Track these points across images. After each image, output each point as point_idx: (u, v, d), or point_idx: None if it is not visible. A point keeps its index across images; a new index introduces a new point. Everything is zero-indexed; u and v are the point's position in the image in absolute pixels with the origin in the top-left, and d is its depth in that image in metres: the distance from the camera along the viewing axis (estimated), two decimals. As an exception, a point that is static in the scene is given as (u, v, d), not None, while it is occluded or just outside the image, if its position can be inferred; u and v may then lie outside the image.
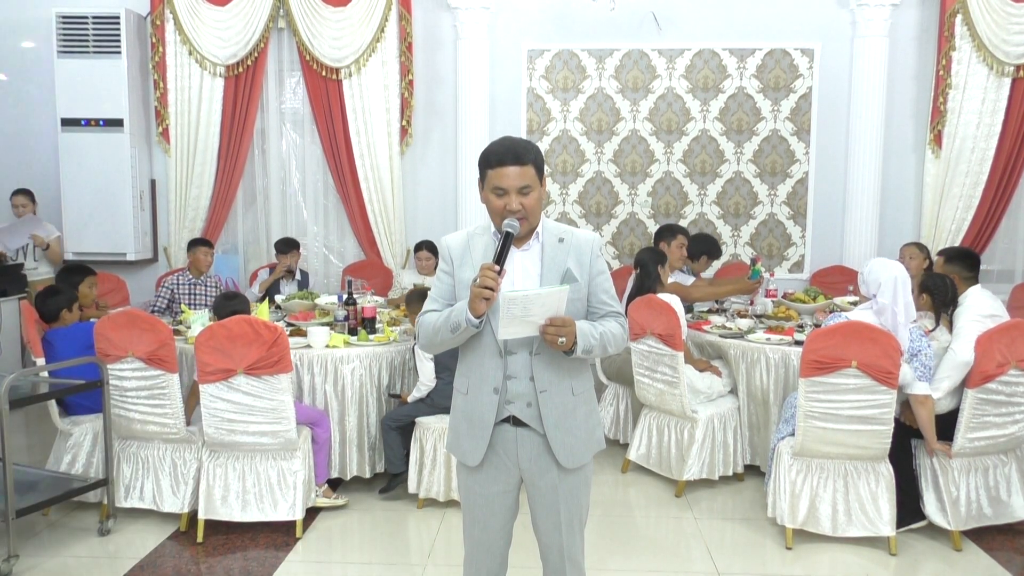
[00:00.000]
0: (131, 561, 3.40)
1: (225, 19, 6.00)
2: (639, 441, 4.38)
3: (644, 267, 4.51)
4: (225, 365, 3.47)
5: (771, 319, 4.70)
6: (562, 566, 2.23)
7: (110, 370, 3.60)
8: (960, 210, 6.03)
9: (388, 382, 4.09)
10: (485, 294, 1.97)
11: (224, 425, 3.53)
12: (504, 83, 6.21)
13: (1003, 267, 6.27)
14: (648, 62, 6.16)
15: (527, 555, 2.65)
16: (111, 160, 5.96)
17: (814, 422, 3.43)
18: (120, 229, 6.03)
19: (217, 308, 3.97)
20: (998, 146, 5.94)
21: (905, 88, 6.11)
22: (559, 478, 2.17)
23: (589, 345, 2.07)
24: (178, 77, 6.09)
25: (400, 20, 6.02)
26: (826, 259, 6.23)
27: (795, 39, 6.10)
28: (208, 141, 6.13)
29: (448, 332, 2.09)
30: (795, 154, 6.20)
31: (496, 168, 2.06)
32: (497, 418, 2.13)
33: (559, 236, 2.17)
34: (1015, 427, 3.53)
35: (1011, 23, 5.81)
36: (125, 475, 3.74)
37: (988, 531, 3.64)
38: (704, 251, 5.30)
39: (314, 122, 6.22)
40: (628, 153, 6.26)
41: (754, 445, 4.33)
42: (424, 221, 6.34)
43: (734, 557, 3.48)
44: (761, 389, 4.20)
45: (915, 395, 3.42)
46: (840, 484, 3.51)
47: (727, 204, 6.29)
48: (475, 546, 2.26)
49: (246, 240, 6.51)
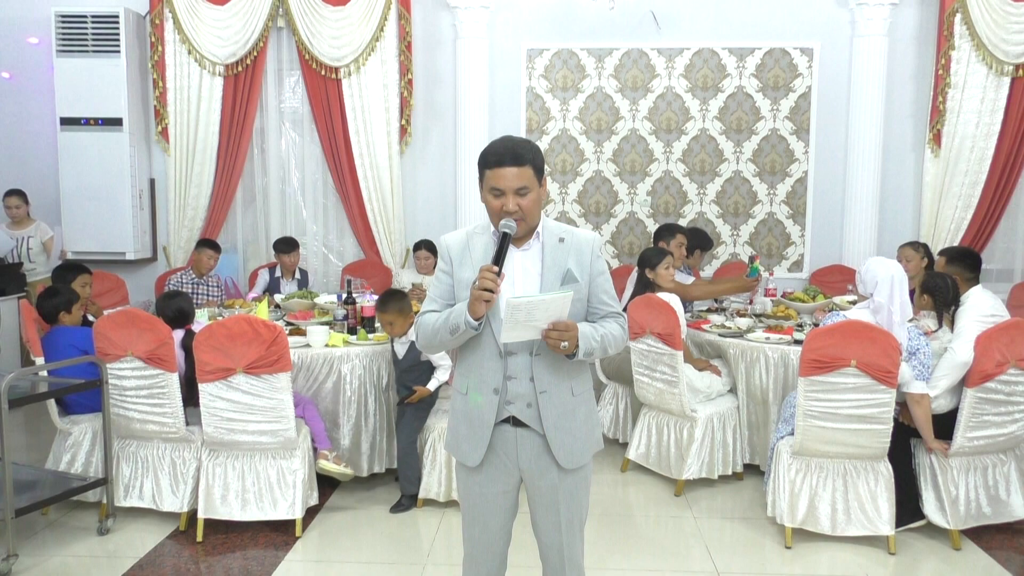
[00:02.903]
0: (130, 560, 3.40)
1: (224, 18, 6.00)
2: (638, 440, 4.38)
3: (649, 265, 4.49)
4: (224, 364, 3.47)
5: (770, 318, 4.70)
6: (562, 566, 2.23)
7: (109, 369, 3.60)
8: (959, 209, 6.04)
9: (387, 381, 4.09)
10: (485, 296, 1.97)
11: (223, 424, 3.53)
12: (503, 82, 6.21)
13: (1002, 266, 6.27)
14: (647, 61, 6.16)
15: (527, 555, 2.65)
16: (110, 159, 5.96)
17: (813, 421, 3.43)
18: (119, 228, 6.03)
19: (160, 308, 3.88)
20: (997, 145, 5.94)
21: (904, 87, 6.12)
22: (559, 478, 2.17)
23: (591, 348, 2.07)
24: (177, 76, 6.09)
25: (399, 19, 6.02)
26: (825, 258, 6.23)
27: (794, 38, 6.10)
28: (207, 140, 6.13)
29: (447, 333, 2.08)
30: (794, 153, 6.20)
31: (494, 168, 2.06)
32: (497, 419, 2.13)
33: (559, 236, 2.17)
34: (1014, 426, 3.53)
35: (1010, 22, 5.81)
36: (124, 474, 3.73)
37: (987, 530, 3.65)
38: (696, 245, 5.35)
39: (313, 121, 6.22)
40: (627, 152, 6.26)
41: (753, 444, 4.34)
42: (423, 220, 6.34)
43: (733, 556, 3.48)
44: (760, 388, 4.20)
45: (912, 394, 3.42)
46: (839, 483, 3.51)
47: (726, 203, 6.29)
48: (475, 546, 2.26)
49: (245, 239, 6.51)
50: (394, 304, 3.83)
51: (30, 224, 5.89)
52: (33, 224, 5.90)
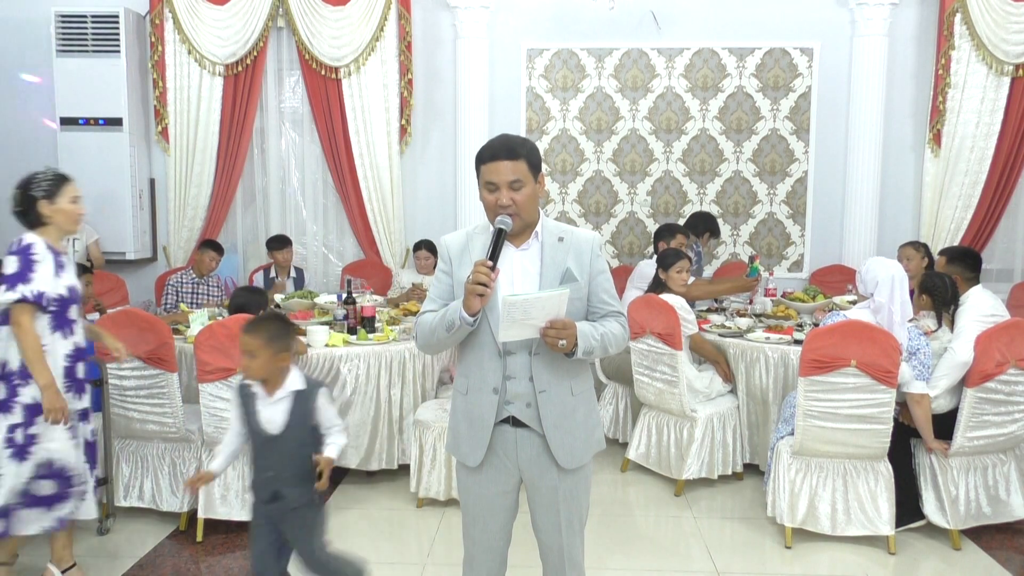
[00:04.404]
0: (130, 560, 3.40)
1: (224, 18, 5.99)
2: (638, 440, 4.38)
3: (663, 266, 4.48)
4: (224, 364, 3.47)
5: (770, 318, 4.70)
6: (562, 566, 2.23)
7: (109, 369, 3.60)
8: (959, 209, 6.03)
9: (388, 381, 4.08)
10: (479, 290, 1.97)
11: (223, 424, 3.53)
12: (503, 82, 6.20)
13: (1002, 266, 6.27)
14: (647, 61, 6.16)
15: (527, 555, 2.65)
16: (110, 159, 5.95)
17: (813, 421, 3.43)
18: (119, 228, 6.02)
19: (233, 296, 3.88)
20: (997, 145, 5.94)
21: (904, 87, 6.11)
22: (559, 478, 2.16)
23: (590, 347, 2.07)
24: (177, 76, 6.08)
25: (399, 19, 6.02)
26: (825, 258, 6.23)
27: (794, 38, 6.10)
28: (207, 140, 6.12)
29: (444, 331, 2.08)
30: (794, 153, 6.20)
31: (488, 163, 2.06)
32: (497, 418, 2.13)
33: (559, 235, 2.17)
34: (1014, 426, 3.53)
35: (1010, 22, 5.81)
36: (124, 474, 3.74)
37: (987, 530, 3.65)
38: (706, 229, 5.64)
39: (313, 121, 6.22)
40: (627, 152, 6.26)
41: (753, 444, 4.34)
42: (423, 220, 6.34)
43: (733, 556, 3.48)
44: (760, 388, 4.20)
45: (912, 394, 3.42)
46: (839, 483, 3.51)
47: (726, 203, 6.29)
48: (475, 546, 2.26)
49: (245, 239, 6.51)
50: (265, 329, 2.46)
51: None
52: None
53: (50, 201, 2.92)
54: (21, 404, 2.84)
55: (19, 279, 2.78)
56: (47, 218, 2.92)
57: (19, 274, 2.78)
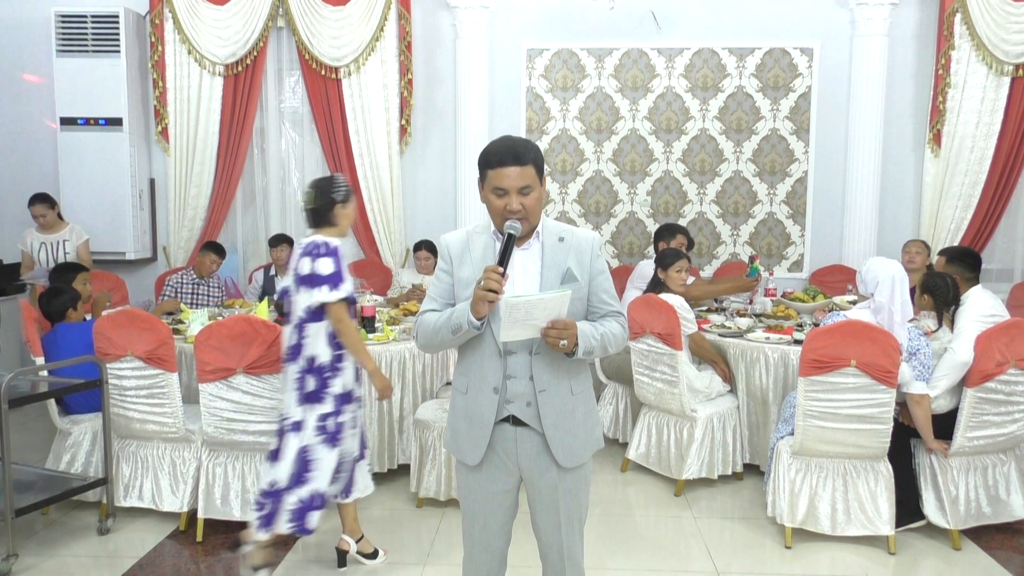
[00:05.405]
0: (130, 560, 3.40)
1: (224, 18, 5.99)
2: (638, 440, 4.38)
3: (662, 265, 4.47)
4: (224, 364, 3.47)
5: (770, 318, 4.70)
6: (561, 565, 2.23)
7: (109, 369, 3.60)
8: (959, 209, 6.03)
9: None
10: (489, 297, 1.97)
11: (223, 424, 3.53)
12: (503, 82, 6.21)
13: (1002, 266, 6.27)
14: (647, 61, 6.16)
15: (527, 554, 2.65)
16: (110, 159, 5.96)
17: (813, 421, 3.43)
18: (119, 228, 6.03)
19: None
20: (997, 145, 5.94)
21: (904, 87, 6.12)
22: (558, 477, 2.17)
23: (590, 347, 2.07)
24: (177, 76, 6.09)
25: (399, 19, 6.02)
26: (825, 258, 6.23)
27: (794, 38, 6.10)
28: (207, 140, 6.12)
29: (449, 333, 2.08)
30: (794, 153, 6.20)
31: (496, 168, 2.06)
32: (497, 417, 2.13)
33: (559, 235, 2.17)
34: (1014, 426, 3.53)
35: (1010, 22, 5.81)
36: (124, 474, 3.74)
37: (987, 530, 3.65)
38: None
39: (313, 121, 6.22)
40: (627, 152, 6.26)
41: (753, 444, 4.34)
42: (423, 220, 6.34)
43: (733, 556, 3.48)
44: (760, 388, 4.20)
45: (912, 394, 3.42)
46: (839, 483, 3.51)
47: (726, 203, 6.29)
48: (474, 545, 2.26)
49: (245, 239, 6.51)
50: None
51: (63, 227, 5.55)
52: (67, 227, 5.56)
53: (344, 205, 3.19)
54: (332, 394, 3.06)
55: (339, 279, 3.01)
56: (337, 219, 3.16)
57: (337, 274, 3.01)
